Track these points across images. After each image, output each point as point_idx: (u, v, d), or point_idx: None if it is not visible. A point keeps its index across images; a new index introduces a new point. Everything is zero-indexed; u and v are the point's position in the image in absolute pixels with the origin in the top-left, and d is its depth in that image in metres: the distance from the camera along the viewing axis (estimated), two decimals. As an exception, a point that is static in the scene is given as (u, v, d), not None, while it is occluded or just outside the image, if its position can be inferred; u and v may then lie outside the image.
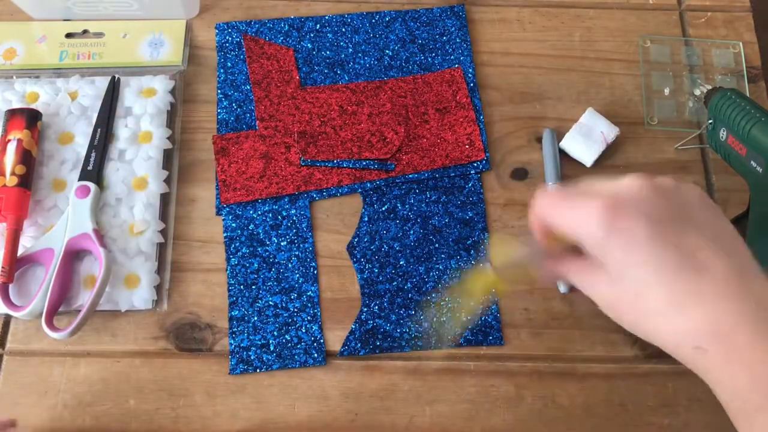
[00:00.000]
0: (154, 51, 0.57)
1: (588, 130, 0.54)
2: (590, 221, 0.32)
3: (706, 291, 0.30)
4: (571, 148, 0.54)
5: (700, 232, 0.31)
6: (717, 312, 0.30)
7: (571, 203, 0.34)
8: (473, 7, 0.61)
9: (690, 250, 0.31)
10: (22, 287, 0.49)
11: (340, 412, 0.48)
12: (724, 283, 0.30)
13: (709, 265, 0.31)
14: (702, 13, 0.62)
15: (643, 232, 0.31)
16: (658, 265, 0.31)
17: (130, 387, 0.48)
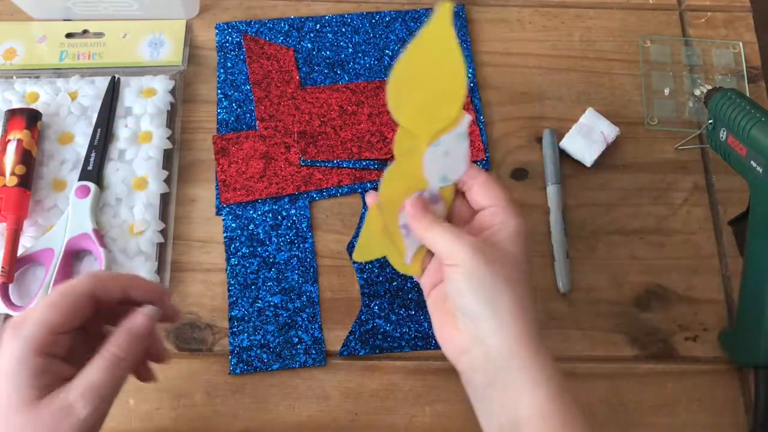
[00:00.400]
0: (154, 51, 0.57)
1: (588, 130, 0.54)
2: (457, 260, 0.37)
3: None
4: (571, 148, 0.54)
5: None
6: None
7: (439, 236, 0.38)
8: (473, 7, 0.61)
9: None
10: (22, 287, 0.49)
11: (340, 412, 0.48)
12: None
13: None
14: (702, 13, 0.62)
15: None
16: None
17: (130, 387, 0.48)
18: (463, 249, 0.36)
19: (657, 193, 0.55)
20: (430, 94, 0.37)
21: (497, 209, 0.39)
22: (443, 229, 0.38)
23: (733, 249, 0.53)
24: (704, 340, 0.51)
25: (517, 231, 0.38)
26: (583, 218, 0.54)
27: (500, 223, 0.38)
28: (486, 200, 0.39)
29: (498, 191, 0.39)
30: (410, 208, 0.40)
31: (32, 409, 0.33)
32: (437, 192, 0.40)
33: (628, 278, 0.52)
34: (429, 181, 0.39)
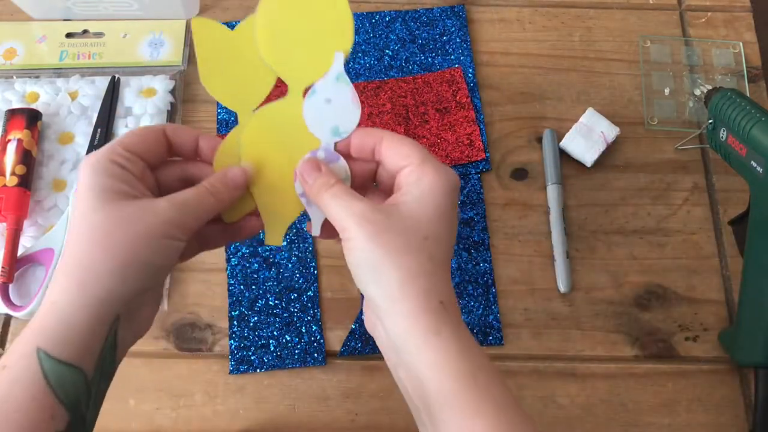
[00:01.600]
0: (154, 51, 0.57)
1: (588, 130, 0.54)
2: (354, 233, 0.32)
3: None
4: (572, 148, 0.54)
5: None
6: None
7: (331, 201, 0.34)
8: (473, 7, 0.61)
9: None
10: (22, 287, 0.49)
11: (340, 413, 0.48)
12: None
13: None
14: (702, 13, 0.61)
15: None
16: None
17: (130, 387, 0.48)
18: (350, 219, 0.32)
19: (657, 193, 0.55)
20: (309, 30, 0.33)
21: (411, 168, 0.34)
22: (333, 194, 0.33)
23: (733, 249, 0.53)
24: (704, 340, 0.51)
25: (429, 188, 0.33)
26: (583, 218, 0.54)
27: (412, 182, 0.33)
28: (398, 160, 0.34)
29: (408, 148, 0.34)
30: (300, 168, 0.35)
31: (112, 206, 0.31)
32: (332, 149, 0.35)
33: (628, 278, 0.52)
34: (320, 138, 0.35)
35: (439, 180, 0.33)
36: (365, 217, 0.32)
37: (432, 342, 0.31)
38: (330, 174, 0.34)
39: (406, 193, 0.33)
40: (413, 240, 0.32)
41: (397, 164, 0.34)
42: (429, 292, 0.31)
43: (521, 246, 0.53)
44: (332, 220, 0.33)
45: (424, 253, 0.32)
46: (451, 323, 0.31)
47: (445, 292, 0.32)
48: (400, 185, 0.34)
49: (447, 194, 0.33)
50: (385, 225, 0.32)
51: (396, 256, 0.31)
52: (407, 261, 0.31)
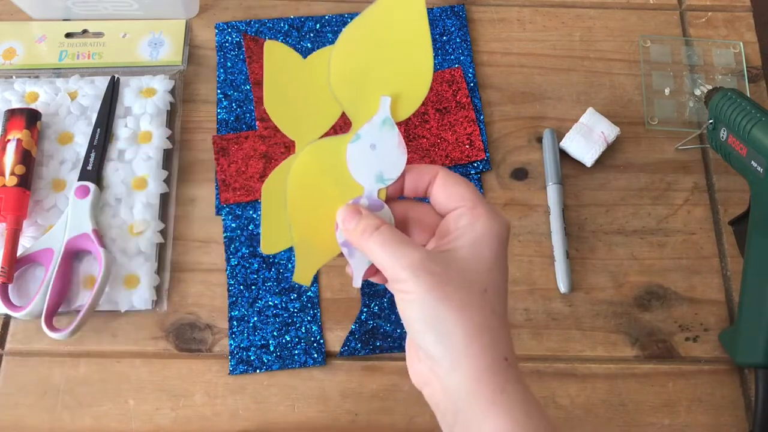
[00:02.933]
0: (153, 51, 0.57)
1: (588, 130, 0.54)
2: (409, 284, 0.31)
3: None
4: (572, 148, 0.54)
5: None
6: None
7: (378, 247, 0.32)
8: (473, 7, 0.60)
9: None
10: (21, 287, 0.49)
11: (340, 413, 0.48)
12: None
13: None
14: (702, 13, 0.61)
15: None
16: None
17: (129, 387, 0.48)
18: (405, 270, 0.30)
19: (657, 193, 0.55)
20: (386, 70, 0.32)
21: (463, 210, 0.32)
22: (382, 238, 0.31)
23: (733, 249, 0.53)
24: (704, 340, 0.51)
25: (483, 234, 0.31)
26: (584, 218, 0.54)
27: (464, 226, 0.32)
28: (450, 201, 0.33)
29: (462, 189, 0.33)
30: (339, 215, 0.33)
31: None
32: (377, 197, 0.34)
33: (628, 278, 0.52)
34: (363, 185, 0.34)
35: (493, 225, 0.32)
36: (423, 268, 0.30)
37: (498, 403, 0.29)
38: (372, 216, 0.33)
39: (458, 238, 0.31)
40: (475, 293, 0.30)
41: (449, 205, 0.33)
42: (494, 349, 0.30)
43: (521, 246, 0.53)
44: (382, 269, 0.31)
45: (486, 306, 0.30)
46: (516, 381, 0.30)
47: (508, 348, 0.31)
48: (450, 229, 0.32)
49: (501, 240, 0.32)
50: (446, 277, 0.30)
51: (460, 311, 0.30)
52: (471, 315, 0.30)
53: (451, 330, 0.30)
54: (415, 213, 0.34)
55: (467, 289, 0.30)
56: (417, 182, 0.34)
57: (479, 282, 0.31)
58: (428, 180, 0.33)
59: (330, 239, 0.34)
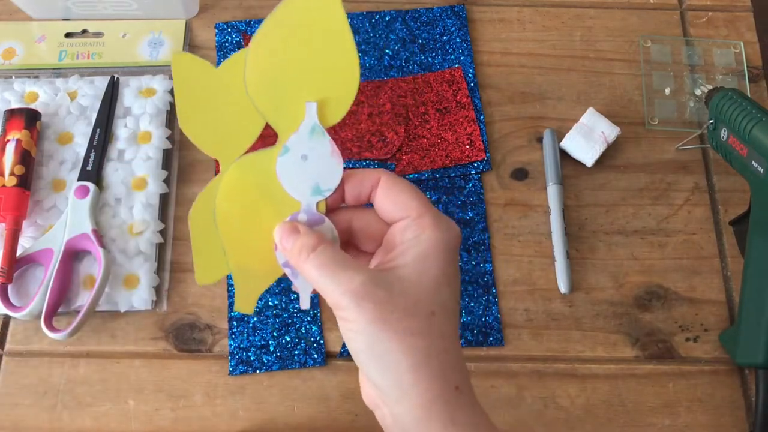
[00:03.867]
0: (153, 51, 0.57)
1: (588, 130, 0.54)
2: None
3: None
4: (572, 148, 0.54)
5: None
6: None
7: (315, 271, 0.30)
8: (473, 7, 0.60)
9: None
10: (21, 288, 0.49)
11: (340, 413, 0.48)
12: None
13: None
14: (703, 13, 0.61)
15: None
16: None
17: (129, 387, 0.48)
18: (345, 297, 0.28)
19: (657, 194, 0.55)
20: (308, 73, 0.29)
21: (408, 221, 0.30)
22: (319, 260, 0.29)
23: (733, 249, 0.53)
24: (705, 340, 0.51)
25: (429, 247, 0.29)
26: (584, 218, 0.54)
27: (409, 239, 0.29)
28: (394, 210, 0.30)
29: (406, 196, 0.30)
30: (276, 234, 0.31)
31: None
32: (316, 210, 0.32)
33: (628, 278, 0.52)
34: (299, 200, 0.31)
35: (439, 237, 0.29)
36: (365, 295, 0.28)
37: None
38: (310, 235, 0.30)
39: (403, 253, 0.29)
40: (422, 318, 0.28)
41: (393, 215, 0.31)
42: (443, 377, 0.28)
43: (521, 246, 0.52)
44: (323, 294, 0.29)
45: (434, 332, 0.28)
46: (469, 409, 0.29)
47: (460, 374, 0.29)
48: (395, 242, 0.30)
49: (449, 252, 0.30)
50: (389, 304, 0.28)
51: (405, 340, 0.28)
52: (417, 344, 0.28)
53: (396, 362, 0.28)
54: (360, 221, 0.32)
55: (413, 316, 0.28)
56: (359, 189, 0.32)
57: (426, 304, 0.29)
58: (370, 187, 0.31)
59: (270, 261, 0.32)
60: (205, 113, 0.32)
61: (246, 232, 0.32)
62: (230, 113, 0.32)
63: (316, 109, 0.30)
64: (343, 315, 0.29)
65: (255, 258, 0.32)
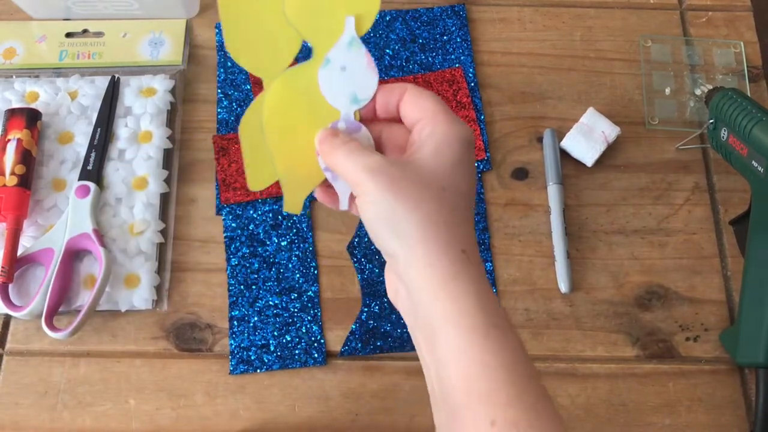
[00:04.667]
0: (154, 50, 0.57)
1: (589, 130, 0.54)
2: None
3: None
4: (572, 147, 0.54)
5: None
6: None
7: (343, 158, 0.33)
8: (474, 7, 0.60)
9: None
10: (22, 287, 0.49)
11: (340, 413, 0.48)
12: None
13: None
14: (703, 13, 0.61)
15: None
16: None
17: (130, 387, 0.48)
18: (363, 173, 0.31)
19: (658, 193, 0.55)
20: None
21: (425, 121, 0.33)
22: (347, 151, 0.32)
23: (733, 249, 0.53)
24: (705, 340, 0.51)
25: (443, 139, 0.32)
26: (584, 218, 0.54)
27: (426, 135, 0.32)
28: (414, 114, 0.33)
29: (425, 101, 0.33)
30: (318, 137, 0.34)
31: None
32: (353, 118, 0.34)
33: (628, 278, 0.52)
34: (339, 108, 0.34)
35: (452, 131, 0.32)
36: (379, 170, 0.31)
37: (448, 289, 0.29)
38: (346, 135, 0.33)
39: (419, 147, 0.32)
40: (432, 190, 0.31)
41: (414, 118, 0.33)
42: (450, 239, 0.30)
43: (522, 246, 0.53)
44: (345, 178, 0.32)
45: (444, 202, 0.31)
46: (470, 273, 0.30)
47: (468, 242, 0.31)
48: (414, 140, 0.33)
49: (463, 143, 0.32)
50: (400, 177, 0.30)
51: (415, 205, 0.30)
52: (426, 208, 0.30)
53: (405, 223, 0.30)
54: (389, 132, 0.35)
55: (424, 187, 0.30)
56: (388, 100, 0.34)
57: (437, 181, 0.31)
58: (398, 97, 0.34)
59: (313, 166, 0.34)
60: (248, 35, 0.35)
61: (291, 141, 0.34)
62: (271, 34, 0.35)
63: (354, 22, 0.33)
64: (360, 190, 0.31)
65: (300, 163, 0.35)
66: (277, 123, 0.34)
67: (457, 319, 0.29)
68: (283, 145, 0.35)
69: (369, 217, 0.31)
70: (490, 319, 0.29)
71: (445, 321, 0.29)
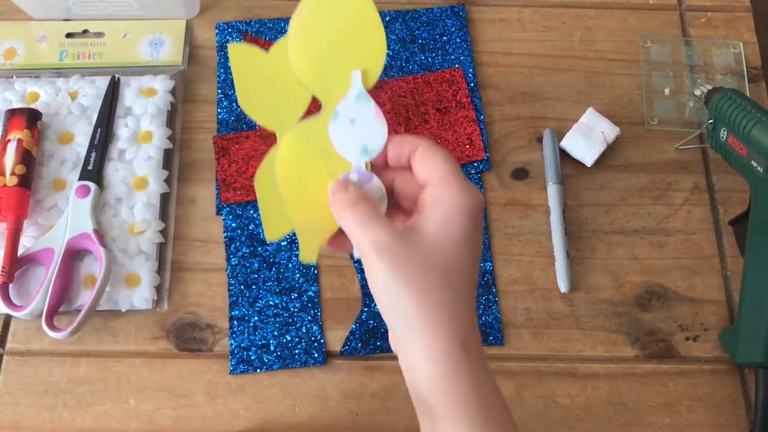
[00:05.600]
0: (154, 51, 0.57)
1: (588, 130, 0.54)
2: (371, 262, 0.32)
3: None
4: (572, 148, 0.54)
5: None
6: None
7: (351, 220, 0.33)
8: (473, 7, 0.61)
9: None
10: (22, 287, 0.49)
11: (340, 413, 0.48)
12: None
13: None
14: (702, 13, 0.62)
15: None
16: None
17: (130, 387, 0.48)
18: (369, 246, 0.31)
19: (657, 193, 0.55)
20: (340, 46, 0.33)
21: (435, 186, 0.32)
22: (356, 213, 0.32)
23: (733, 249, 0.53)
24: (705, 339, 0.51)
25: (450, 210, 0.31)
26: (584, 218, 0.54)
27: (434, 202, 0.32)
28: (425, 174, 0.33)
29: (437, 162, 0.32)
30: (330, 189, 0.34)
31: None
32: (365, 169, 0.35)
33: (628, 278, 0.52)
34: (350, 160, 0.35)
35: (461, 200, 0.31)
36: (387, 248, 0.31)
37: (447, 385, 0.30)
38: (354, 191, 0.33)
39: (427, 215, 0.32)
40: (436, 273, 0.31)
41: (425, 178, 0.33)
42: (450, 333, 0.30)
43: (521, 246, 0.53)
44: (356, 245, 0.33)
45: (446, 287, 0.31)
46: (470, 367, 0.31)
47: (468, 329, 0.31)
48: (423, 204, 0.33)
49: (471, 217, 0.32)
50: (406, 256, 0.30)
51: (417, 293, 0.30)
52: (429, 298, 0.30)
53: (409, 311, 0.30)
54: (401, 182, 0.35)
55: (427, 270, 0.31)
56: (399, 151, 0.34)
57: (441, 261, 0.31)
58: (409, 150, 0.34)
59: (327, 216, 0.35)
60: (260, 93, 0.36)
61: (304, 192, 0.35)
62: (281, 91, 0.36)
63: (360, 76, 0.34)
64: (367, 262, 0.32)
65: (314, 214, 0.36)
66: (290, 175, 0.35)
67: (455, 413, 0.30)
68: (297, 197, 0.35)
69: (374, 290, 0.32)
70: (488, 412, 0.30)
71: (443, 410, 0.30)
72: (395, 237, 0.31)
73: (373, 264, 0.31)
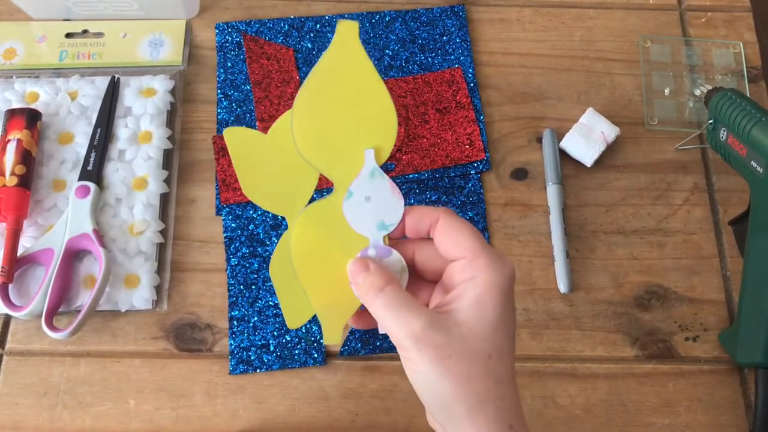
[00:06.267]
0: (154, 51, 0.57)
1: (588, 130, 0.54)
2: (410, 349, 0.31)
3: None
4: (572, 148, 0.54)
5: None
6: None
7: (382, 311, 0.32)
8: (473, 7, 0.61)
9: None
10: (22, 287, 0.49)
11: (340, 413, 0.48)
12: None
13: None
14: (702, 13, 0.61)
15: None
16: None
17: (130, 387, 0.48)
18: (407, 339, 0.30)
19: (657, 193, 0.55)
20: (350, 124, 0.33)
21: (464, 262, 0.31)
22: (385, 301, 0.31)
23: (733, 249, 0.53)
24: (704, 340, 0.51)
25: (484, 290, 0.30)
26: (584, 218, 0.54)
27: (465, 281, 0.31)
28: (451, 250, 0.32)
29: (462, 237, 0.32)
30: (349, 270, 0.33)
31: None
32: (383, 243, 0.34)
33: (628, 278, 0.52)
34: (367, 236, 0.34)
35: (494, 279, 0.31)
36: (425, 340, 0.30)
37: None
38: (379, 273, 0.32)
39: (460, 296, 0.31)
40: (479, 363, 0.30)
41: (450, 254, 0.32)
42: (497, 418, 0.30)
43: (521, 246, 0.53)
44: (388, 334, 0.31)
45: (490, 376, 0.30)
46: None
47: (514, 411, 0.31)
48: (453, 282, 0.32)
49: (505, 293, 0.31)
50: (448, 348, 0.30)
51: (460, 384, 0.29)
52: (474, 389, 0.30)
53: (454, 403, 0.30)
54: (422, 253, 0.34)
55: (469, 360, 0.30)
56: (418, 225, 0.34)
57: (482, 349, 0.30)
58: (429, 223, 0.33)
59: (348, 294, 0.34)
60: (263, 177, 0.36)
61: (322, 274, 0.34)
62: (286, 174, 0.35)
63: (373, 154, 0.33)
64: (405, 355, 0.31)
65: (334, 295, 0.35)
66: (306, 259, 0.34)
67: None
68: (315, 280, 0.34)
69: (415, 383, 0.31)
70: None
71: None
72: (432, 327, 0.30)
73: (413, 357, 0.30)
